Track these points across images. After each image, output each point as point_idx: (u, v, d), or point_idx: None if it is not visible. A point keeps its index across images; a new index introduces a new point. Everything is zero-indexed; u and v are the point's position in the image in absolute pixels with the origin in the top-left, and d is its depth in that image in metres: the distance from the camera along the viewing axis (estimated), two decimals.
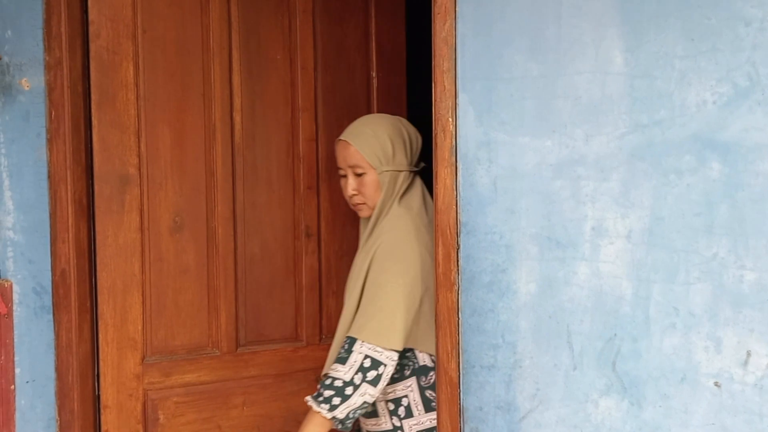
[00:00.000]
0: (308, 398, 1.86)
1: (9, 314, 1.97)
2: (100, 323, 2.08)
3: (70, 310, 2.00)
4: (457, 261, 1.75)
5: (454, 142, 1.73)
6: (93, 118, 2.06)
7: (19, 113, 1.96)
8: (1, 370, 1.96)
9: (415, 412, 1.97)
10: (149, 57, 2.12)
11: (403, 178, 2.00)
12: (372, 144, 1.97)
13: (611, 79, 1.63)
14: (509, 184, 1.70)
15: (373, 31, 2.48)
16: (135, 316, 2.11)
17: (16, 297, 1.98)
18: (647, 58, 1.60)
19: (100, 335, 2.08)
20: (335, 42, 2.42)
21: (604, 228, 1.64)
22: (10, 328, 1.97)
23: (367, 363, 1.84)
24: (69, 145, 1.98)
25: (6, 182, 1.96)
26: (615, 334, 1.65)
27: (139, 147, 2.11)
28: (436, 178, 1.75)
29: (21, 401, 2.00)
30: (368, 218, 2.04)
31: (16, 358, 1.99)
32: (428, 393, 1.98)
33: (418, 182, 2.06)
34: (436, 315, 1.76)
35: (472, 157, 1.72)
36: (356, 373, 1.83)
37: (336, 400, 1.82)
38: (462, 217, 1.74)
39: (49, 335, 2.00)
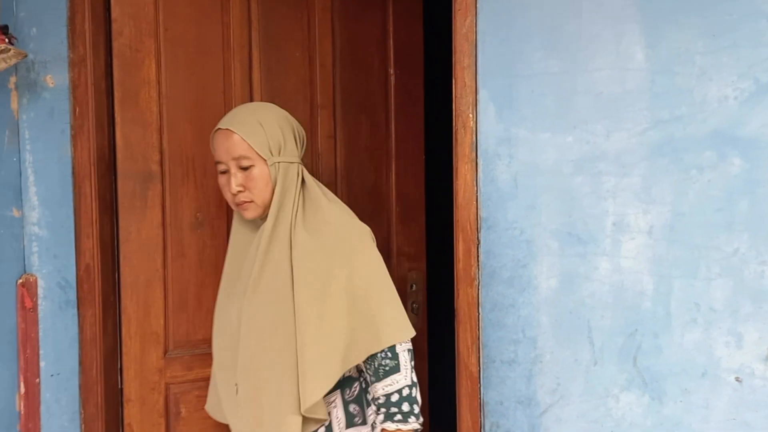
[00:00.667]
0: (393, 425, 1.66)
1: (34, 308, 1.99)
2: (123, 318, 2.11)
3: (94, 305, 2.03)
4: (478, 256, 1.76)
5: (474, 138, 1.74)
6: (116, 115, 2.08)
7: (44, 110, 1.98)
8: (27, 364, 1.99)
9: (336, 430, 1.74)
10: (171, 55, 2.14)
11: (294, 172, 1.75)
12: (260, 132, 1.72)
13: (632, 75, 1.63)
14: (530, 180, 1.71)
15: (391, 28, 2.49)
16: (157, 310, 2.13)
17: (41, 291, 2.01)
18: (668, 54, 1.61)
19: (123, 329, 2.11)
20: (353, 39, 2.43)
21: (625, 223, 1.65)
22: (35, 322, 2.00)
23: (410, 356, 1.69)
24: (93, 142, 2.01)
25: (31, 178, 1.99)
26: (636, 330, 1.65)
27: (161, 144, 2.13)
28: (457, 173, 1.76)
29: (46, 394, 2.02)
30: (253, 219, 1.78)
31: (41, 352, 2.01)
32: (352, 407, 1.76)
33: (311, 178, 1.79)
34: (456, 310, 1.77)
35: (492, 153, 1.73)
36: (411, 371, 1.68)
37: (416, 408, 1.67)
38: (482, 213, 1.75)
39: (74, 329, 2.03)
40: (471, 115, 1.73)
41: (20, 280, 1.98)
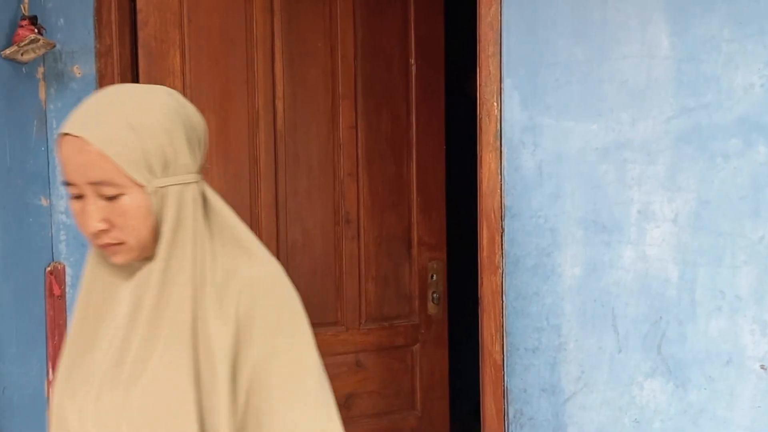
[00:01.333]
0: None
1: (62, 296, 2.02)
2: None
3: None
4: (502, 245, 1.76)
5: (498, 126, 1.74)
6: None
7: (71, 100, 2.01)
8: (55, 351, 2.02)
9: None
10: (195, 45, 2.16)
11: (190, 195, 1.09)
12: (131, 143, 1.04)
13: (657, 62, 1.63)
14: (554, 168, 1.71)
15: (412, 19, 2.49)
16: None
17: (68, 279, 2.03)
18: (693, 41, 1.61)
19: None
20: (375, 30, 2.44)
21: (651, 211, 1.65)
22: (63, 309, 2.03)
23: None
24: None
25: (59, 167, 2.02)
26: (660, 318, 1.66)
27: None
28: (481, 162, 1.76)
29: None
30: (125, 263, 1.10)
31: None
32: None
33: (218, 199, 1.16)
34: (480, 298, 1.78)
35: (517, 142, 1.74)
36: None
37: None
38: (506, 201, 1.75)
39: None
40: (495, 104, 1.74)
41: (49, 268, 2.00)
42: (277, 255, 2.29)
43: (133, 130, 1.04)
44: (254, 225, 2.26)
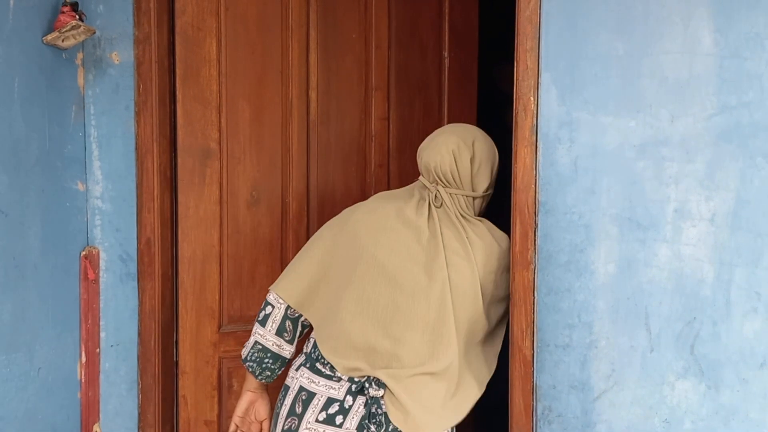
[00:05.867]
0: None
1: (96, 280, 2.05)
2: (180, 291, 2.15)
3: (154, 278, 2.08)
4: (535, 240, 1.75)
5: (535, 121, 1.73)
6: (177, 93, 2.12)
7: (109, 86, 2.03)
8: (88, 334, 2.05)
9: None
10: (231, 33, 2.17)
11: None
12: None
13: (699, 59, 1.61)
14: (590, 164, 1.70)
15: (447, 10, 2.48)
16: (213, 285, 2.18)
17: (102, 264, 2.06)
18: (737, 38, 1.58)
19: (179, 303, 2.15)
20: (409, 21, 2.43)
21: (687, 210, 1.63)
22: (97, 293, 2.06)
23: (263, 304, 1.86)
24: (156, 118, 2.05)
25: (95, 152, 2.04)
26: (694, 317, 1.64)
27: (220, 122, 2.17)
28: (516, 157, 1.75)
29: (105, 364, 2.08)
30: None
31: (101, 323, 2.07)
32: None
33: None
34: (511, 293, 1.78)
35: (553, 137, 1.72)
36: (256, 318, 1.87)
37: (243, 351, 1.89)
38: (541, 197, 1.74)
39: (134, 301, 2.08)
40: (532, 98, 1.72)
41: (83, 252, 2.03)
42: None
43: None
44: (285, 213, 2.27)
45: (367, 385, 1.73)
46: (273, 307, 1.83)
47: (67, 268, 1.98)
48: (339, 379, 1.75)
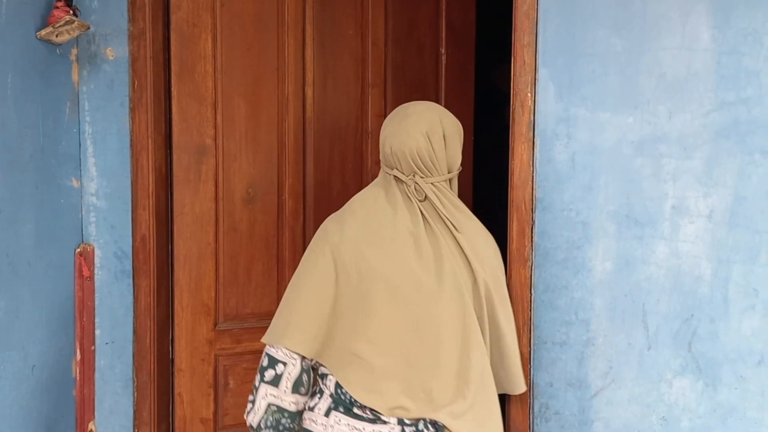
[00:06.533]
0: None
1: (91, 277, 2.04)
2: (175, 289, 2.14)
3: (149, 276, 2.06)
4: (532, 237, 1.75)
5: (532, 117, 1.72)
6: (172, 89, 2.10)
7: (104, 82, 2.01)
8: (83, 331, 2.03)
9: None
10: (227, 30, 2.15)
11: None
12: None
13: (697, 55, 1.60)
14: (588, 161, 1.69)
15: (444, 8, 2.47)
16: (209, 283, 2.17)
17: (97, 261, 2.05)
18: (735, 34, 1.57)
19: (175, 301, 2.14)
20: (406, 18, 2.42)
21: (685, 207, 1.62)
22: (92, 291, 2.04)
23: (265, 362, 1.56)
24: (151, 115, 2.03)
25: (90, 149, 2.03)
26: (692, 315, 1.63)
27: (215, 118, 2.15)
28: (513, 153, 1.74)
29: (100, 362, 2.07)
30: None
31: (96, 320, 2.06)
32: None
33: None
34: (508, 290, 1.76)
35: (550, 133, 1.71)
36: (257, 374, 1.58)
37: (249, 405, 1.59)
38: (538, 193, 1.73)
39: (128, 299, 2.07)
40: (529, 94, 1.71)
41: (78, 250, 2.02)
42: (304, 242, 2.29)
43: None
44: (281, 210, 2.26)
45: (423, 428, 1.52)
46: (285, 364, 1.54)
47: (62, 266, 1.96)
48: (385, 422, 1.52)
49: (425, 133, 1.58)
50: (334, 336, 1.55)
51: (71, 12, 1.85)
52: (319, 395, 1.59)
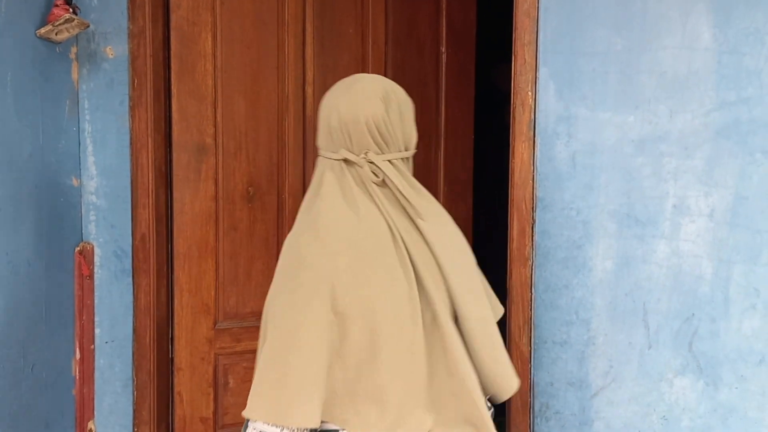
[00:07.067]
0: None
1: (91, 276, 2.03)
2: (175, 288, 2.14)
3: (149, 274, 2.06)
4: (532, 236, 1.74)
5: (532, 116, 1.72)
6: (172, 88, 2.10)
7: (104, 80, 2.01)
8: (83, 330, 2.03)
9: None
10: (227, 28, 2.15)
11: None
12: None
13: (698, 55, 1.60)
14: (588, 160, 1.69)
15: (444, 7, 2.47)
16: (209, 282, 2.16)
17: (97, 260, 2.04)
18: (736, 34, 1.57)
19: (175, 300, 2.14)
20: (406, 17, 2.42)
21: (686, 206, 1.62)
22: (92, 289, 2.04)
23: None
24: (150, 113, 2.03)
25: (90, 148, 2.02)
26: (693, 314, 1.63)
27: (215, 117, 2.15)
28: (513, 152, 1.74)
29: (100, 360, 2.06)
30: None
31: (96, 319, 2.05)
32: None
33: None
34: (508, 290, 1.76)
35: (551, 132, 1.71)
36: None
37: None
38: (538, 192, 1.73)
39: (128, 298, 2.06)
40: (530, 93, 1.71)
41: (78, 248, 2.01)
42: None
43: None
44: (281, 209, 2.26)
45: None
46: None
47: (62, 264, 1.96)
48: None
49: (381, 98, 1.31)
50: (335, 388, 1.24)
51: (71, 10, 1.84)
52: None
